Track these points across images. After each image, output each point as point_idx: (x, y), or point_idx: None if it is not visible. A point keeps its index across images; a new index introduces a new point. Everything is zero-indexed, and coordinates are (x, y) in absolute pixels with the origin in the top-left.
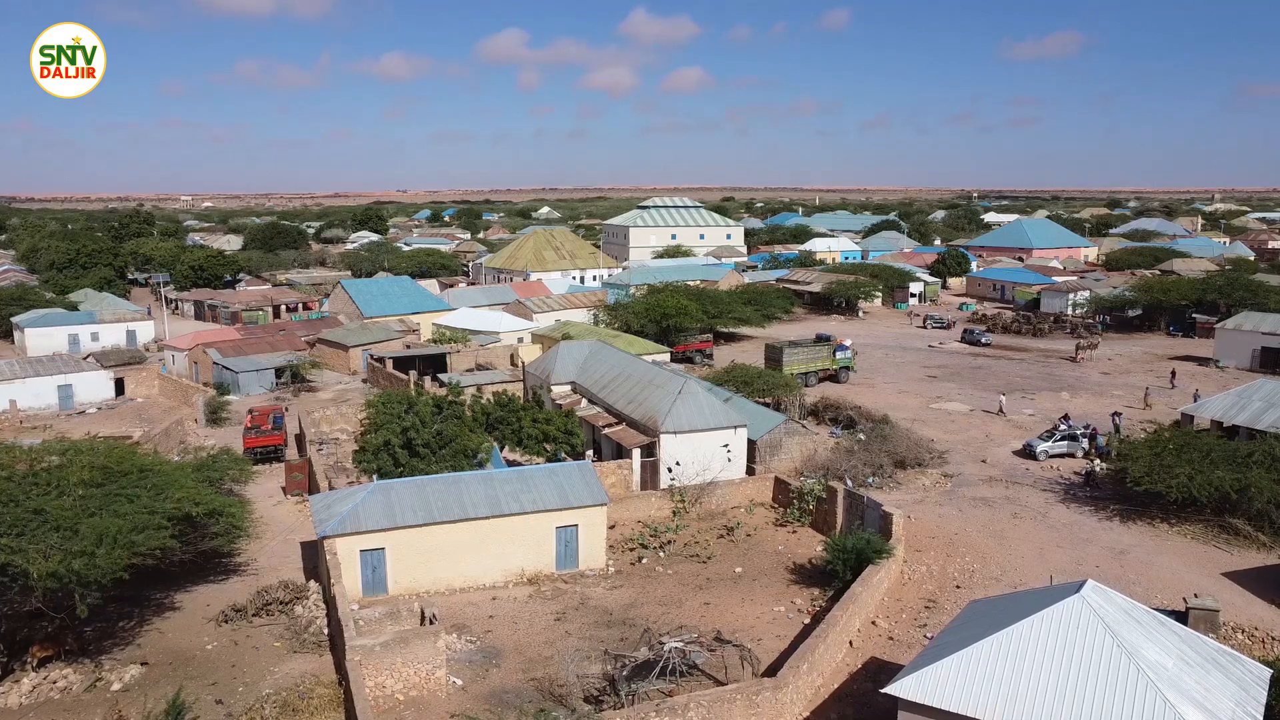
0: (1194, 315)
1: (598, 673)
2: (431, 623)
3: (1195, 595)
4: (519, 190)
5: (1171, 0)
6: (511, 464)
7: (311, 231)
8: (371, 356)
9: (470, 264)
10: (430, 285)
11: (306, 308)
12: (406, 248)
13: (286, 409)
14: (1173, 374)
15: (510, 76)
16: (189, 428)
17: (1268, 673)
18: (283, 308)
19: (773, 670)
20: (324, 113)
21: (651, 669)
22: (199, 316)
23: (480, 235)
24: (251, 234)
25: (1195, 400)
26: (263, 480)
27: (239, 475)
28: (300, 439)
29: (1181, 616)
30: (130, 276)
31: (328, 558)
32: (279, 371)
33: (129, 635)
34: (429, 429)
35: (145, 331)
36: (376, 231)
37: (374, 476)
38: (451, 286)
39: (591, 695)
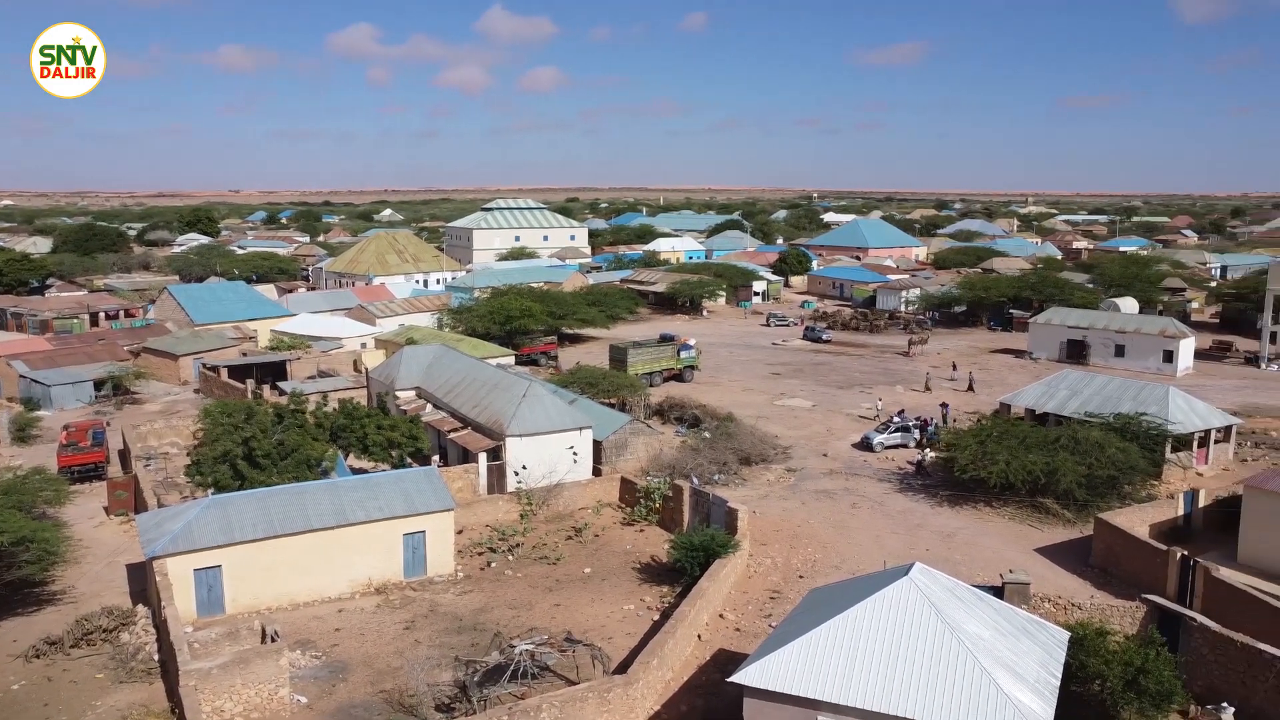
0: (1011, 311)
1: (449, 680)
2: (273, 640)
3: (1010, 571)
4: (361, 192)
5: (1001, 16)
6: (357, 472)
7: (133, 233)
8: (204, 365)
9: (310, 268)
10: (267, 290)
11: (129, 315)
12: (241, 251)
13: (108, 423)
14: (954, 365)
15: (359, 73)
16: None
17: (1067, 635)
18: (101, 315)
19: (624, 667)
20: (151, 105)
21: (503, 673)
22: (1, 326)
23: (320, 238)
24: (63, 235)
25: (969, 384)
26: (83, 501)
27: (54, 497)
28: (125, 455)
29: (998, 591)
30: None
31: (158, 579)
32: (99, 383)
33: None
34: (270, 439)
35: None
36: (206, 234)
37: (210, 491)
38: (290, 291)
39: (443, 703)
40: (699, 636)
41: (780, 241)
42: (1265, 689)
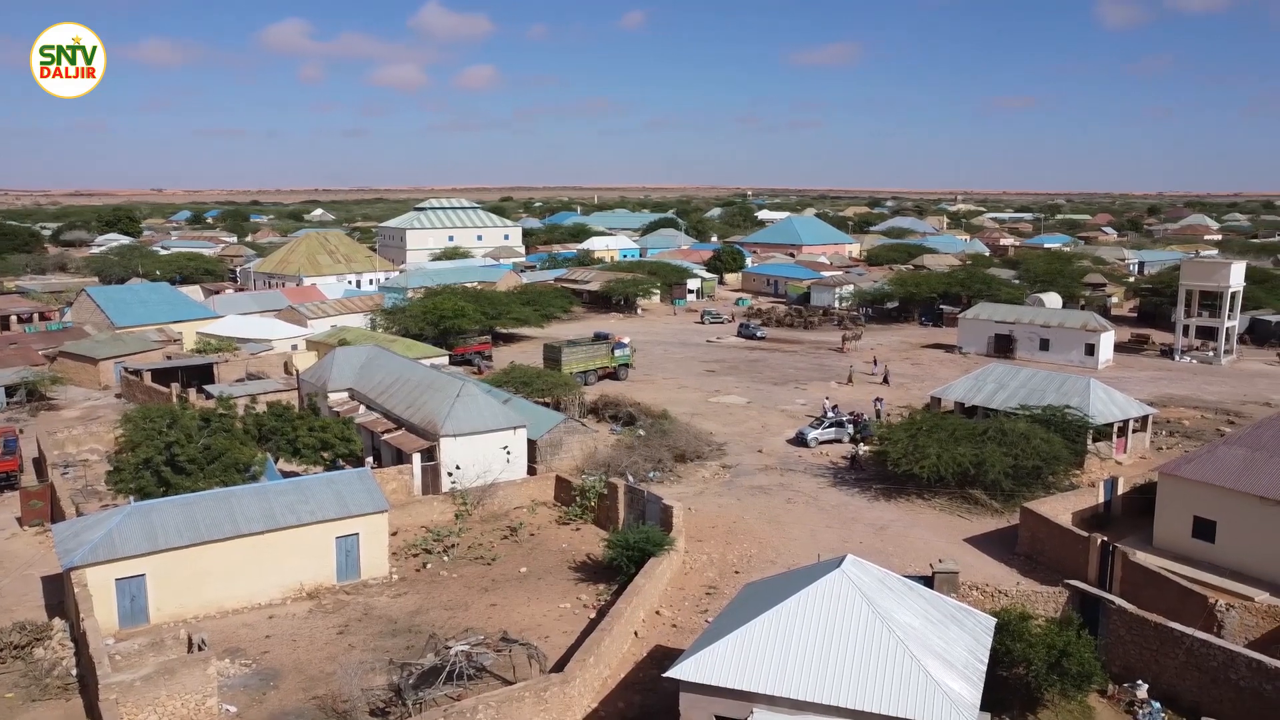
0: (941, 306)
1: (383, 684)
2: (200, 649)
3: (940, 561)
4: (291, 191)
5: (932, 18)
6: (288, 475)
7: (48, 233)
8: (126, 369)
9: (238, 269)
10: (193, 292)
11: (44, 318)
12: (164, 251)
13: (21, 431)
14: (874, 359)
15: (291, 70)
16: None
17: (993, 622)
18: (13, 318)
19: (561, 666)
20: (68, 101)
21: (438, 675)
22: None
23: (248, 238)
24: None
25: (884, 377)
26: None
27: None
28: (40, 463)
29: (928, 580)
30: None
31: (76, 590)
32: (10, 389)
33: None
34: (195, 444)
35: None
36: (128, 234)
37: (132, 498)
38: (217, 293)
39: (377, 708)
40: (635, 634)
41: (715, 239)
42: (1175, 665)
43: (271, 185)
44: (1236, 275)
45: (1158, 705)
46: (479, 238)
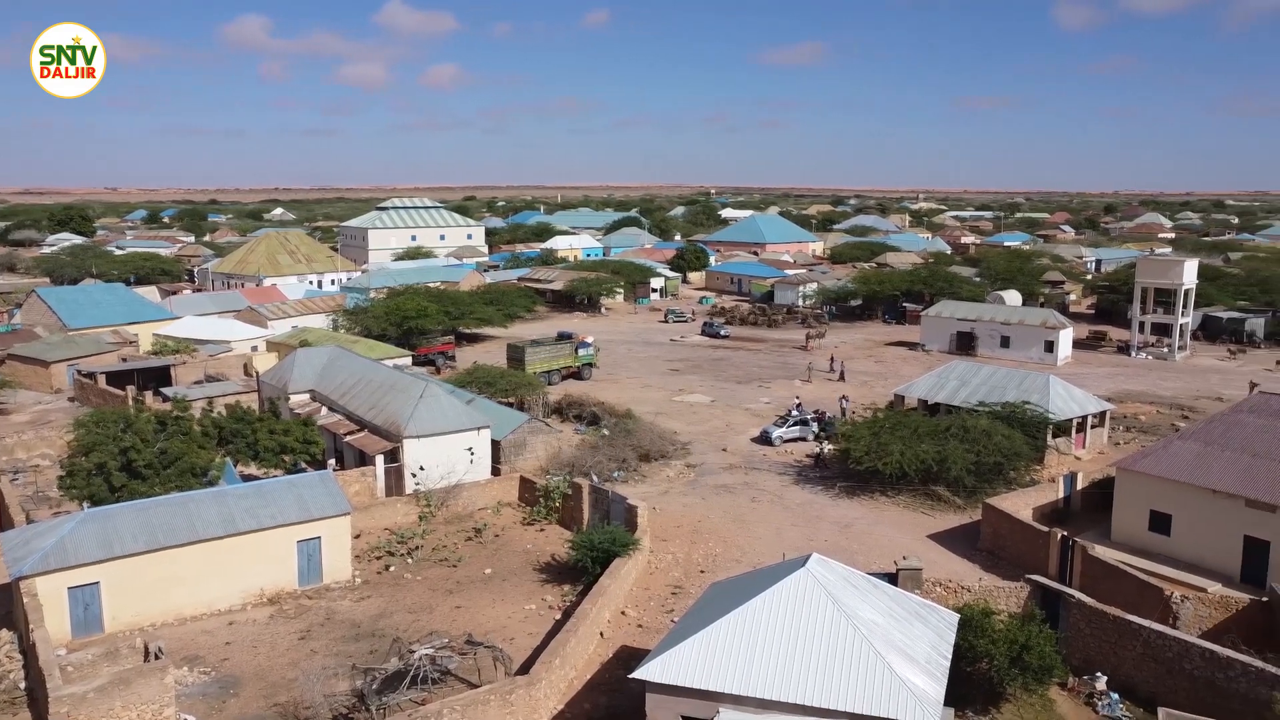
0: (904, 304)
1: (346, 690)
2: (157, 657)
3: (904, 557)
4: (250, 190)
5: (899, 17)
6: (248, 479)
7: None
8: (79, 372)
9: (196, 269)
10: (149, 292)
11: None
12: (119, 252)
13: None
14: (831, 357)
15: (252, 67)
16: None
17: (956, 618)
18: None
19: (526, 668)
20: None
21: (403, 679)
22: None
23: (206, 238)
24: None
25: (840, 374)
26: None
27: None
28: None
29: (892, 578)
30: None
31: (25, 600)
32: None
33: None
34: (151, 448)
35: None
36: (80, 233)
37: (86, 504)
38: (175, 294)
39: (340, 713)
40: (601, 634)
41: (678, 238)
42: (1133, 657)
43: (231, 184)
44: (1190, 273)
45: (1116, 696)
46: (442, 237)
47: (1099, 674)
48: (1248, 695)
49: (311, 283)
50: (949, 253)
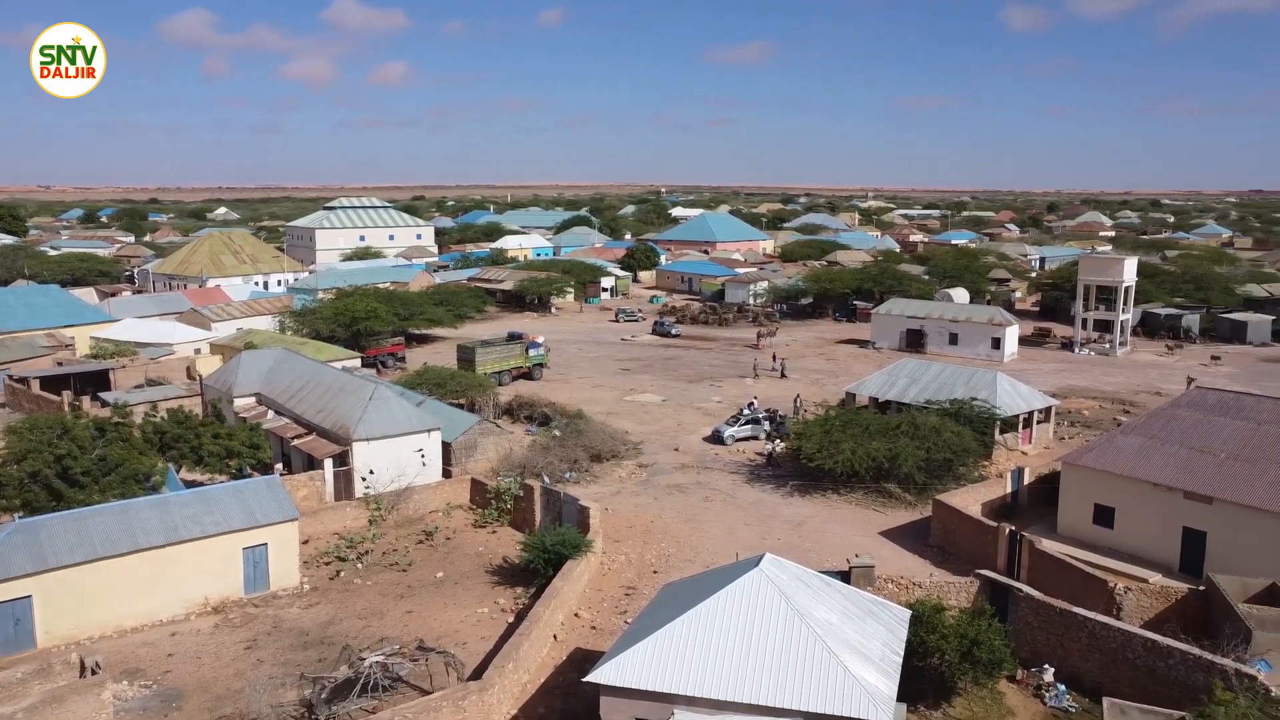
0: (855, 302)
1: (294, 700)
2: (94, 672)
3: (856, 555)
4: (192, 189)
5: (844, 18)
6: (191, 485)
7: None
8: (10, 377)
9: (136, 270)
10: (86, 294)
11: None
12: (54, 252)
13: None
14: (774, 355)
15: (194, 62)
16: None
17: (908, 614)
18: None
19: (479, 673)
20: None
21: (353, 687)
22: None
23: (147, 238)
24: None
25: (781, 371)
26: None
27: None
28: None
29: (845, 575)
30: None
31: None
32: None
33: None
34: (89, 455)
35: None
36: (11, 233)
37: (17, 515)
38: (114, 295)
39: None
40: (555, 637)
41: (628, 237)
42: (1079, 648)
43: (172, 183)
44: (1130, 271)
45: (1063, 687)
46: (391, 237)
47: (1046, 665)
48: (1185, 682)
49: (257, 284)
50: (898, 251)
